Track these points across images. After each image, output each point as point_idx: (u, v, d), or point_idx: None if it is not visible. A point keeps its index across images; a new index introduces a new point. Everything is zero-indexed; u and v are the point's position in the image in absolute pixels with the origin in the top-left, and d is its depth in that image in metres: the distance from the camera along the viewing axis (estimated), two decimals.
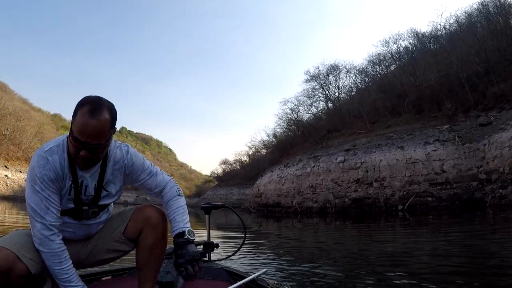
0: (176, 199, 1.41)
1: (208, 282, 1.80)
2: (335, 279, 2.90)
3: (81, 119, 1.15)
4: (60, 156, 1.24)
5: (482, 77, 16.61)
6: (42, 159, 1.22)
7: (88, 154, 1.19)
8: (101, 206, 1.37)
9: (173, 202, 1.40)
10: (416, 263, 3.64)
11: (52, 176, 1.22)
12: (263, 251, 5.02)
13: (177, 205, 1.39)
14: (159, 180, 1.42)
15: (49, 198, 1.22)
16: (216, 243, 2.24)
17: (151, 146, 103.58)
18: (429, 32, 24.32)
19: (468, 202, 11.86)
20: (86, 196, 1.32)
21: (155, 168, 1.44)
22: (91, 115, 1.15)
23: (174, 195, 1.41)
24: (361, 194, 15.10)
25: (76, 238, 1.37)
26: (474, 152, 12.73)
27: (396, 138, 15.97)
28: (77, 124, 1.16)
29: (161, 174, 1.44)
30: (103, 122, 1.17)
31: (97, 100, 1.20)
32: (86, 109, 1.15)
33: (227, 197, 39.95)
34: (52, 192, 1.22)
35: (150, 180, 1.41)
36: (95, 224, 1.40)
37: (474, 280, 2.61)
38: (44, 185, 1.21)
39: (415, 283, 2.62)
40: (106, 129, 1.19)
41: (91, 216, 1.35)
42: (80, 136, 1.16)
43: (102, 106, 1.18)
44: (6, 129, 34.72)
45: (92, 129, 1.15)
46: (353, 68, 28.17)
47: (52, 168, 1.22)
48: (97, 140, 1.17)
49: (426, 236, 6.60)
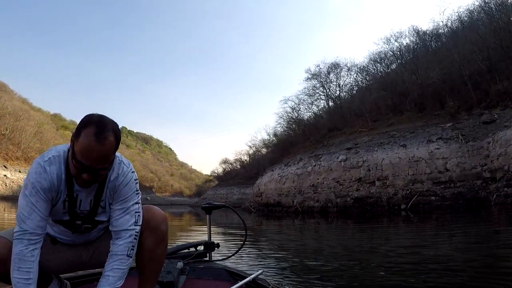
0: (121, 258, 1.26)
1: (208, 282, 1.79)
2: (335, 279, 2.87)
3: (85, 142, 1.11)
4: (58, 168, 1.21)
5: (484, 74, 16.44)
6: (40, 167, 1.19)
7: (91, 177, 1.16)
8: (96, 222, 1.33)
9: (117, 260, 1.26)
10: (419, 264, 3.55)
11: (45, 185, 1.18)
12: (264, 251, 5.01)
13: (119, 266, 1.25)
14: (123, 221, 1.28)
15: (35, 204, 1.17)
16: (217, 242, 2.26)
17: (151, 146, 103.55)
18: (431, 30, 24.21)
19: (472, 201, 11.68)
20: (81, 210, 1.28)
21: (135, 206, 1.31)
22: (96, 138, 1.10)
23: (123, 253, 1.27)
24: (363, 193, 14.93)
25: (76, 243, 1.36)
26: (478, 150, 12.55)
27: (398, 137, 15.80)
28: (81, 147, 1.11)
29: (132, 217, 1.30)
30: (108, 146, 1.13)
31: (101, 121, 1.15)
32: (91, 131, 1.11)
33: (228, 196, 39.82)
34: (40, 199, 1.18)
35: (117, 214, 1.29)
36: (94, 233, 1.37)
37: (477, 282, 2.57)
38: (34, 191, 1.17)
39: (418, 284, 2.55)
40: (111, 152, 1.16)
41: (84, 230, 1.32)
42: (84, 160, 1.12)
43: (107, 128, 1.14)
44: (5, 128, 34.64)
45: (97, 153, 1.11)
46: (354, 66, 28.09)
47: (48, 178, 1.19)
48: (102, 164, 1.15)
49: (430, 236, 6.47)
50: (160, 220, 1.36)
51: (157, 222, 1.35)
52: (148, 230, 1.33)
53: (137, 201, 1.33)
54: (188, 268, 1.89)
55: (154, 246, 1.33)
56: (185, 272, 1.84)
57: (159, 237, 1.35)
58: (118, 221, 1.28)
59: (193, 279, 1.81)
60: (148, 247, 1.33)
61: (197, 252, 2.18)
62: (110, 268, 1.25)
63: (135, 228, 1.30)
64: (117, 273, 1.24)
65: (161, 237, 1.35)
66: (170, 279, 1.52)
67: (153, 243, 1.33)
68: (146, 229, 1.33)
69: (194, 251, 2.20)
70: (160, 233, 1.35)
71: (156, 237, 1.34)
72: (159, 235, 1.35)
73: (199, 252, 2.18)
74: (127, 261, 1.27)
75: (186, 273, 1.84)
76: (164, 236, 1.37)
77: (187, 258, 2.06)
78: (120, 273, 1.25)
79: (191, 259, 2.08)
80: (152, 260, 1.34)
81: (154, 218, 1.35)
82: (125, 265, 1.27)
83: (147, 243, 1.33)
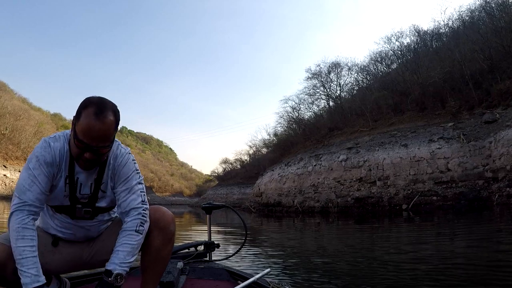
0: (130, 234, 1.27)
1: (209, 282, 1.79)
2: (336, 280, 2.87)
3: (86, 121, 1.15)
4: (61, 145, 1.25)
5: (486, 74, 16.37)
6: (45, 143, 1.24)
7: (93, 156, 1.19)
8: (97, 209, 1.34)
9: (126, 236, 1.27)
10: (421, 265, 3.52)
11: (48, 159, 1.22)
12: (264, 251, 4.98)
13: (128, 241, 1.26)
14: (130, 200, 1.31)
15: (37, 177, 1.20)
16: (217, 242, 2.26)
17: (152, 146, 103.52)
18: (431, 29, 24.15)
19: (474, 201, 11.60)
20: (82, 194, 1.30)
21: (139, 186, 1.35)
22: (96, 117, 1.14)
23: (132, 229, 1.27)
24: (364, 193, 14.85)
25: (77, 239, 1.37)
26: (480, 150, 12.48)
27: (399, 136, 15.72)
28: (81, 126, 1.15)
29: (138, 197, 1.32)
30: (108, 124, 1.17)
31: (101, 101, 1.19)
32: (91, 111, 1.15)
33: (228, 196, 39.76)
34: (42, 173, 1.21)
35: (123, 196, 1.31)
36: (95, 225, 1.37)
37: (480, 284, 2.55)
38: (37, 165, 1.21)
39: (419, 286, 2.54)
40: (111, 131, 1.19)
41: (84, 215, 1.32)
42: (85, 138, 1.16)
43: (106, 107, 1.18)
44: (5, 128, 34.58)
45: (98, 132, 1.15)
46: (354, 66, 27.98)
47: (51, 153, 1.23)
48: (102, 142, 1.18)
49: (431, 237, 6.41)
50: (169, 220, 1.36)
51: (166, 222, 1.35)
52: (157, 229, 1.33)
53: (140, 181, 1.35)
54: (188, 268, 1.89)
55: (161, 246, 1.34)
56: (185, 272, 1.84)
57: (167, 237, 1.35)
58: (125, 202, 1.30)
59: (193, 279, 1.81)
60: (156, 247, 1.33)
61: (197, 252, 2.18)
62: (120, 244, 1.25)
63: (143, 206, 1.30)
64: (126, 248, 1.24)
65: (169, 237, 1.36)
66: (170, 279, 1.51)
67: (161, 243, 1.33)
68: (155, 229, 1.33)
69: (194, 251, 2.20)
70: (168, 233, 1.35)
71: (164, 237, 1.34)
72: (168, 235, 1.35)
73: (199, 252, 2.20)
74: (137, 237, 1.26)
75: (186, 273, 1.84)
76: (172, 237, 1.37)
77: (187, 258, 2.07)
78: (129, 248, 1.24)
79: (191, 259, 2.08)
80: (158, 260, 1.34)
81: (164, 218, 1.35)
82: (134, 240, 1.26)
83: (156, 242, 1.33)
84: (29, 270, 1.11)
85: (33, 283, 1.10)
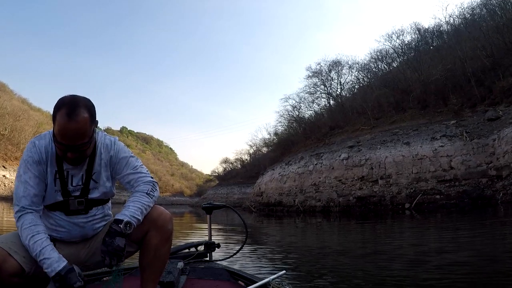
0: (141, 195, 1.34)
1: (209, 282, 1.79)
2: (336, 280, 2.84)
3: (61, 123, 1.17)
4: (46, 142, 1.28)
5: (488, 71, 16.25)
6: (31, 143, 1.28)
7: (76, 154, 1.22)
8: (90, 201, 1.35)
9: (137, 195, 1.34)
10: (426, 265, 3.45)
11: (36, 158, 1.25)
12: (264, 251, 4.93)
13: (138, 199, 1.32)
14: (138, 177, 1.39)
15: (28, 181, 1.24)
16: (218, 242, 2.27)
17: (152, 146, 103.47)
18: (432, 27, 24.01)
19: (478, 200, 11.46)
20: (74, 186, 1.32)
21: (139, 162, 1.44)
22: (68, 117, 1.16)
23: (144, 191, 1.35)
24: (366, 192, 14.71)
25: (73, 239, 1.37)
26: (483, 148, 12.35)
27: (401, 134, 15.59)
28: (57, 129, 1.18)
29: (145, 173, 1.42)
30: (82, 122, 1.18)
31: (72, 100, 1.20)
32: (63, 112, 1.17)
33: (228, 196, 39.65)
34: (33, 175, 1.25)
35: (132, 175, 1.39)
36: (90, 222, 1.38)
37: (483, 284, 2.54)
38: (27, 168, 1.25)
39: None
40: (87, 127, 1.20)
41: (78, 207, 1.33)
42: (63, 140, 1.18)
43: (78, 106, 1.19)
44: (4, 128, 34.48)
45: (73, 131, 1.17)
46: (355, 64, 27.84)
47: (37, 152, 1.26)
48: (80, 140, 1.20)
49: (435, 236, 6.31)
50: (167, 219, 1.37)
51: (164, 221, 1.36)
52: (155, 228, 1.34)
53: (141, 164, 1.43)
54: (188, 268, 1.89)
55: (159, 245, 1.34)
56: (186, 272, 1.84)
57: (165, 236, 1.36)
58: (134, 180, 1.37)
59: (193, 279, 1.81)
60: (154, 246, 1.33)
61: (197, 252, 2.18)
62: (131, 201, 1.30)
63: (152, 179, 1.40)
64: (137, 205, 1.29)
65: (167, 236, 1.36)
66: (171, 279, 1.52)
67: (159, 241, 1.34)
68: (153, 227, 1.34)
69: (195, 251, 2.20)
70: (166, 231, 1.36)
71: (162, 235, 1.35)
72: (165, 234, 1.36)
73: (199, 252, 2.20)
74: (148, 199, 1.32)
75: (187, 273, 1.84)
76: (170, 235, 1.38)
77: (188, 258, 2.07)
78: (140, 205, 1.29)
79: (192, 259, 2.09)
80: (157, 259, 1.34)
81: (161, 217, 1.36)
82: (145, 200, 1.31)
83: (153, 241, 1.33)
84: (51, 255, 1.17)
85: (60, 262, 1.16)
